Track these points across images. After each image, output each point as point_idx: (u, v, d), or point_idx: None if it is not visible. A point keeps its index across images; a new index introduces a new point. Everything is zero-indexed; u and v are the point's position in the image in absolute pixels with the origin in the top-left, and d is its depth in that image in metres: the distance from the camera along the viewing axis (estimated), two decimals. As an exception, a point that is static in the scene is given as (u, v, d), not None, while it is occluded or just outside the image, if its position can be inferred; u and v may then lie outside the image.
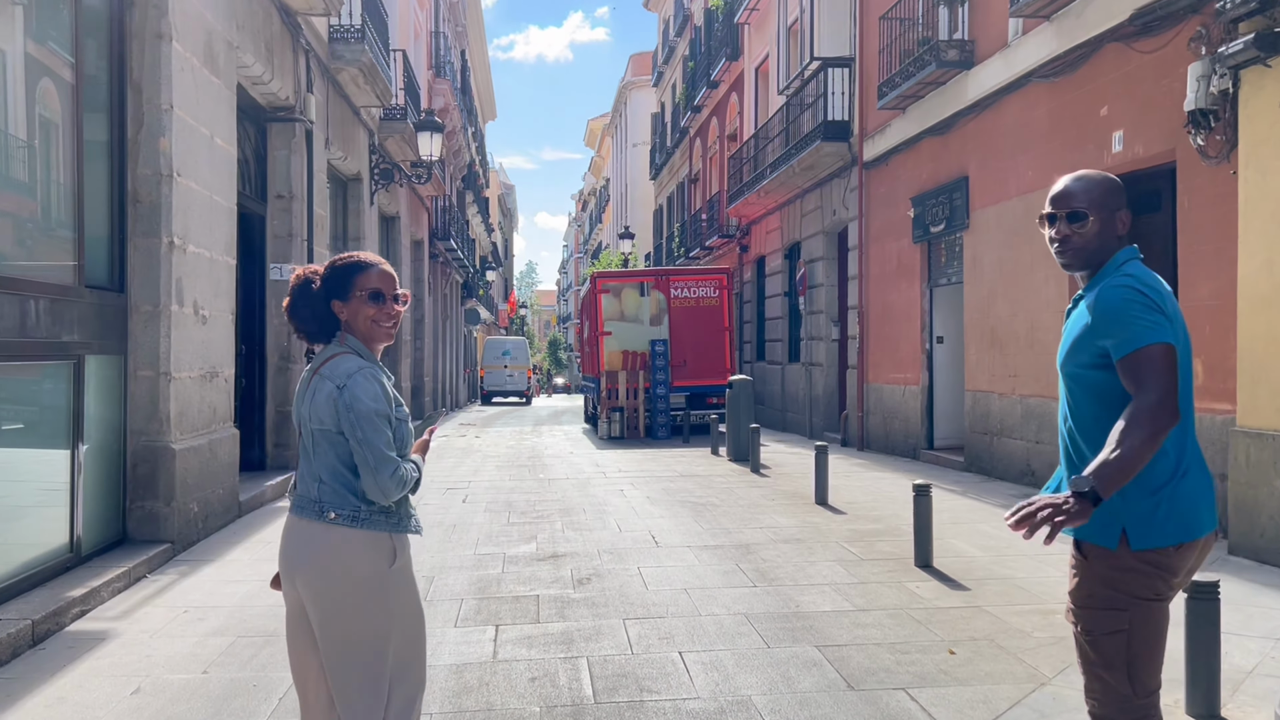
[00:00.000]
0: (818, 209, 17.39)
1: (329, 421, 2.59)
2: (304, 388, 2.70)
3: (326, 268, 2.76)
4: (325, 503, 2.61)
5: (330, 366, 2.65)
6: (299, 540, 2.65)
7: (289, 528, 2.70)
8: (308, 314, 2.73)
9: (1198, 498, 2.40)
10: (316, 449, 2.64)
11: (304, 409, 2.67)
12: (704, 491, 10.18)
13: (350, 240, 15.12)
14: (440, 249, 26.21)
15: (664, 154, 36.23)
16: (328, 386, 2.60)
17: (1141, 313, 2.32)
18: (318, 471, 2.64)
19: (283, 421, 10.82)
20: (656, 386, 18.42)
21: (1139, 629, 2.38)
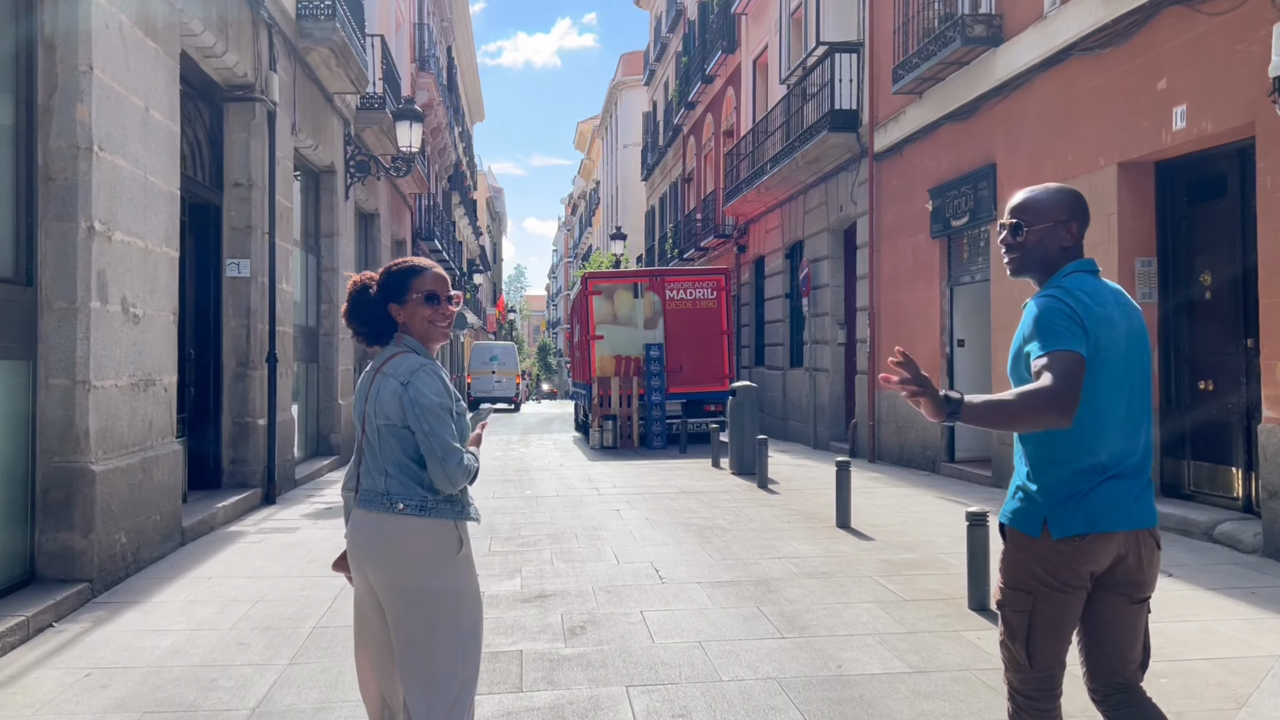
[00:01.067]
0: (822, 205, 16.40)
1: (395, 416, 2.76)
2: (365, 387, 2.88)
3: (383, 273, 2.92)
4: (393, 495, 2.77)
5: (392, 365, 2.83)
6: (369, 532, 2.79)
7: (357, 522, 2.84)
8: (367, 317, 2.90)
9: (1119, 499, 2.56)
10: (382, 444, 2.79)
11: (368, 407, 2.83)
12: (709, 512, 9.15)
13: (323, 237, 14.05)
14: (424, 250, 25.13)
15: (656, 154, 35.25)
16: (392, 384, 2.77)
17: (1060, 322, 2.48)
18: (384, 465, 2.79)
19: (242, 434, 9.75)
20: (651, 393, 17.41)
21: (1041, 612, 2.59)
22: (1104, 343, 2.53)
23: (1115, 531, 2.55)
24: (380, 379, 2.82)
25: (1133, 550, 2.58)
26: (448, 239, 29.53)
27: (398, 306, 2.87)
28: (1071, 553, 2.55)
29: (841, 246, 16.16)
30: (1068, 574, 2.57)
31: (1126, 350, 2.57)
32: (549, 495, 10.51)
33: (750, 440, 12.33)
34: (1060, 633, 2.63)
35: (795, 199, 17.88)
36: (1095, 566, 2.57)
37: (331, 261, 14.06)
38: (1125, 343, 2.57)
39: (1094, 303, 2.54)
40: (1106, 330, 2.53)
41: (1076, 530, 2.53)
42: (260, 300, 9.91)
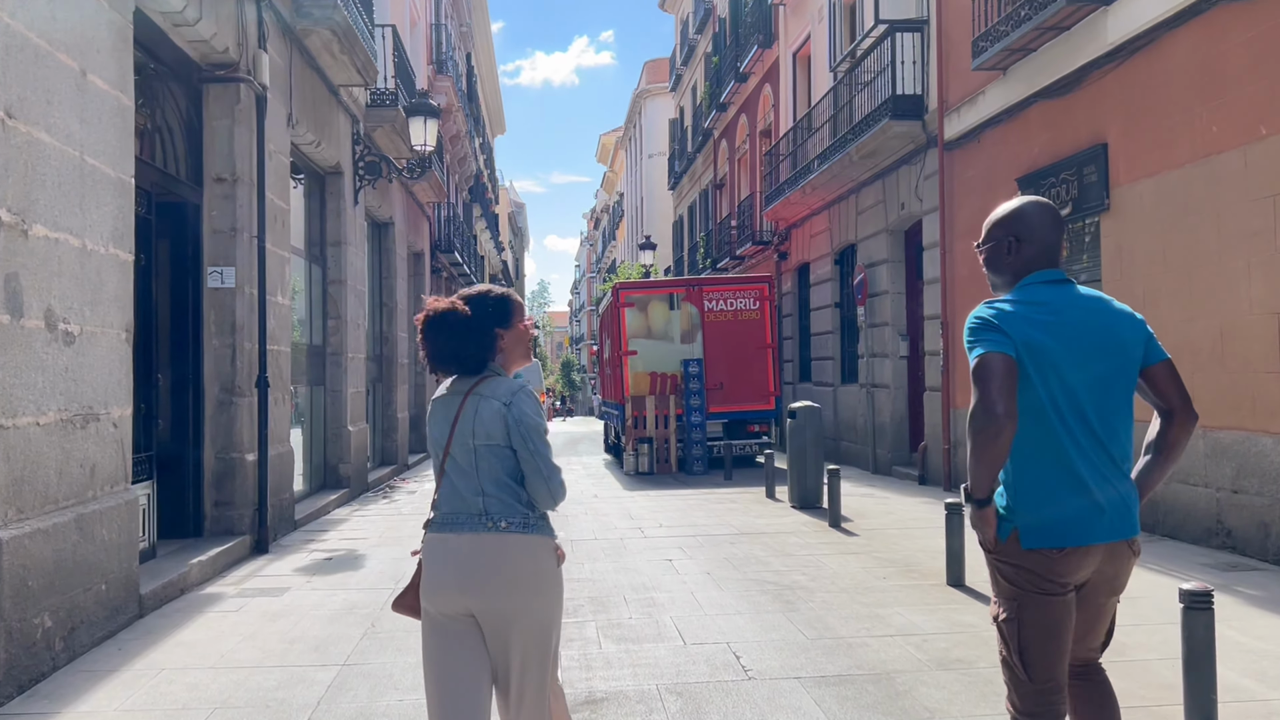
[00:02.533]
0: (879, 204, 14.85)
1: (498, 436, 2.82)
2: (447, 410, 2.89)
3: (481, 298, 2.94)
4: (494, 514, 2.79)
5: (488, 387, 2.88)
6: (471, 553, 2.77)
7: (452, 547, 2.79)
8: (476, 341, 2.90)
9: (1090, 511, 2.57)
10: (480, 464, 2.82)
11: (458, 428, 2.85)
12: (781, 563, 7.59)
13: (329, 245, 12.66)
14: (444, 263, 23.77)
15: (684, 161, 33.80)
16: (494, 404, 2.84)
17: (979, 332, 2.59)
18: (481, 485, 2.81)
19: (227, 472, 8.31)
20: (690, 413, 15.89)
21: (1029, 618, 2.61)
22: (1041, 356, 2.56)
23: (1091, 545, 2.58)
24: (476, 400, 2.87)
25: (1109, 561, 2.62)
26: (469, 252, 28.18)
27: (503, 330, 2.94)
28: (1045, 563, 2.58)
29: (902, 249, 14.60)
30: (1044, 582, 2.59)
31: (1090, 364, 2.59)
32: (585, 538, 8.99)
33: (814, 469, 10.77)
34: (1052, 638, 2.62)
35: (846, 199, 16.34)
36: (1077, 577, 2.62)
37: (339, 273, 12.66)
38: (1091, 357, 2.59)
39: (1030, 312, 2.60)
40: (1046, 338, 2.56)
41: (1045, 544, 2.58)
42: (248, 315, 8.48)
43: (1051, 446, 2.57)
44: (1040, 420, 2.57)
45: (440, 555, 2.81)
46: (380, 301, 16.62)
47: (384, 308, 16.69)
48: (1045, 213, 2.79)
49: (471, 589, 2.77)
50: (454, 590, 2.79)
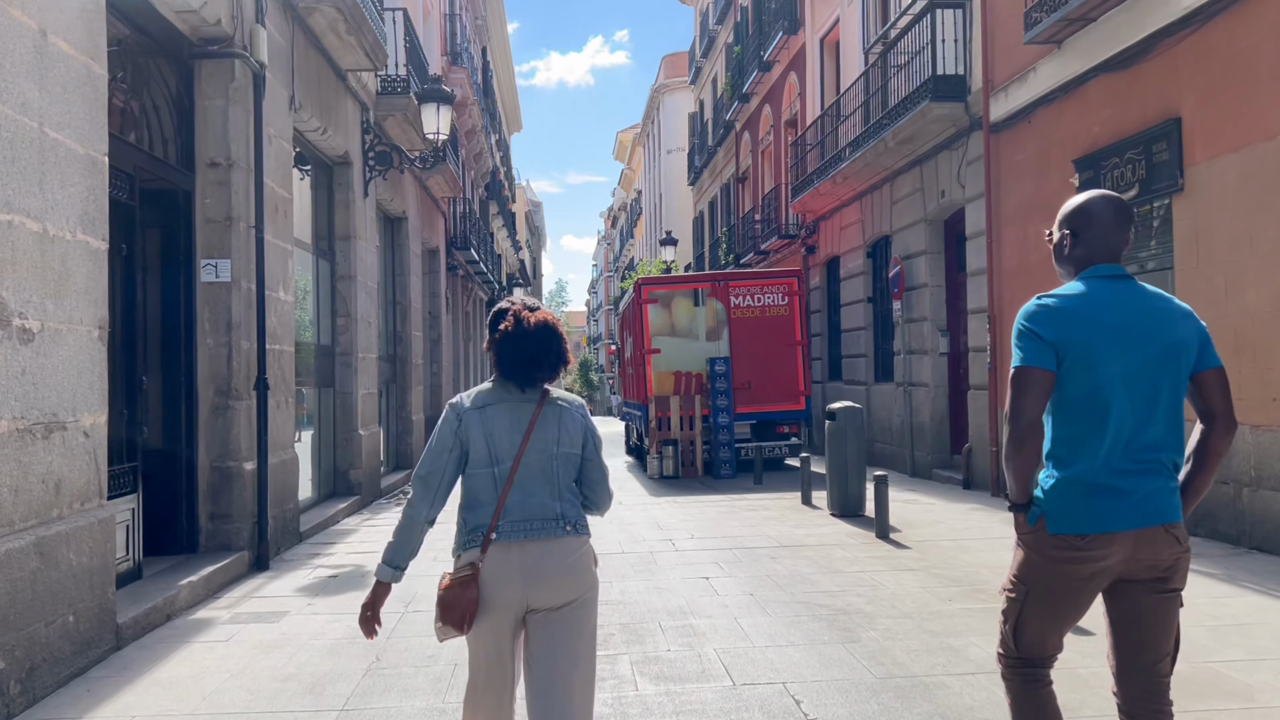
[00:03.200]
0: (916, 192, 14.07)
1: (578, 445, 2.94)
2: (522, 416, 2.89)
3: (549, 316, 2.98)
4: (568, 517, 2.88)
5: (559, 396, 2.98)
6: (549, 555, 2.82)
7: (529, 553, 2.81)
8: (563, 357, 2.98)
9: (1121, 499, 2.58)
10: (560, 471, 2.90)
11: (545, 434, 2.88)
12: (832, 582, 6.86)
13: (338, 239, 12.00)
14: (459, 260, 23.12)
15: (704, 155, 33.07)
16: (575, 415, 2.96)
17: (1023, 338, 2.65)
18: (558, 491, 2.89)
19: (224, 482, 7.65)
20: (717, 414, 15.16)
21: (1033, 600, 2.69)
22: (1087, 350, 2.59)
23: (1116, 532, 2.58)
24: (557, 410, 2.94)
25: (1146, 548, 2.59)
26: (485, 250, 27.53)
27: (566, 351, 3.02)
28: (1071, 551, 2.60)
29: (941, 239, 13.83)
30: (1069, 571, 2.63)
31: (1138, 359, 2.59)
32: (612, 552, 8.28)
33: (856, 474, 10.03)
34: (1049, 628, 2.72)
35: (880, 188, 15.56)
36: (1101, 565, 2.61)
37: (348, 268, 12.01)
38: (1139, 351, 2.59)
39: (1078, 307, 2.64)
40: (1091, 334, 2.59)
41: (1071, 529, 2.60)
42: (245, 311, 7.82)
43: (1086, 437, 2.61)
44: (1078, 411, 2.62)
45: (511, 563, 2.82)
46: (393, 299, 15.98)
47: (397, 305, 16.05)
48: (1108, 207, 2.76)
49: (544, 588, 2.83)
50: (523, 591, 2.82)
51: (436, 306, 20.06)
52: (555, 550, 2.84)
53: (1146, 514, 2.59)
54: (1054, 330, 2.61)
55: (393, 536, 2.94)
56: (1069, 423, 2.64)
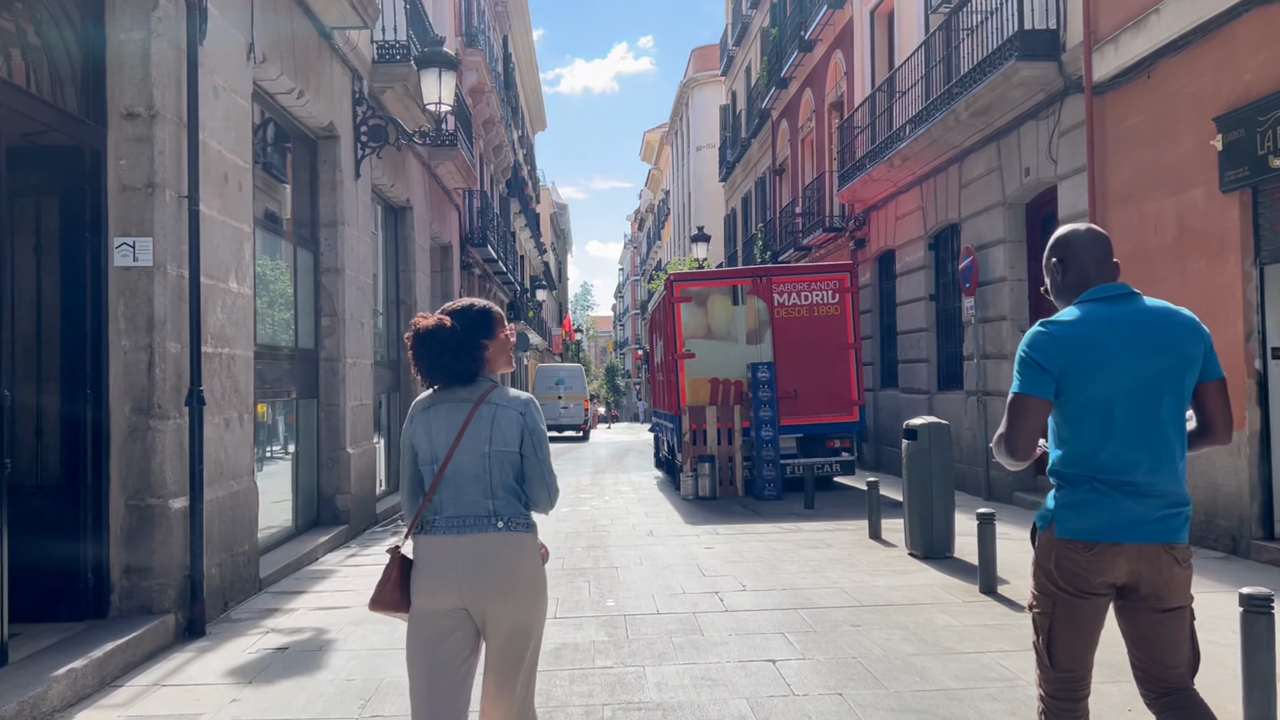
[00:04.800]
0: (992, 172, 12.19)
1: (513, 443, 3.00)
2: (458, 415, 2.99)
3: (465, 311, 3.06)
4: (501, 514, 2.96)
5: (500, 395, 3.05)
6: (481, 552, 2.91)
7: (461, 547, 2.91)
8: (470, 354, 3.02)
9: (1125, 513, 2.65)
10: (493, 469, 2.97)
11: (478, 433, 2.97)
12: (945, 670, 5.02)
13: (323, 226, 10.31)
14: (476, 258, 21.42)
15: (737, 149, 31.25)
16: (511, 413, 3.02)
17: (1023, 367, 2.73)
18: (491, 489, 2.96)
19: (143, 525, 5.93)
20: (760, 427, 13.34)
21: (1060, 617, 2.73)
22: (1090, 372, 2.67)
23: (1122, 543, 2.65)
24: (492, 409, 3.01)
25: (1147, 565, 2.65)
26: (506, 248, 25.84)
27: (488, 341, 3.06)
28: (1080, 558, 2.68)
29: (1023, 225, 11.94)
30: (1080, 580, 2.69)
31: (1141, 375, 2.67)
32: (644, 612, 6.49)
33: (943, 506, 8.17)
34: (1079, 638, 2.73)
35: (945, 171, 13.69)
36: (1108, 577, 2.68)
37: (334, 260, 10.31)
38: (1142, 368, 2.67)
39: (1078, 330, 2.71)
40: (1093, 359, 2.67)
41: (1077, 534, 2.68)
42: (173, 305, 6.10)
43: (1093, 451, 2.68)
44: (1084, 426, 2.68)
45: (443, 556, 2.92)
46: (396, 298, 14.28)
47: (400, 305, 14.35)
48: (1087, 233, 2.88)
49: (478, 586, 2.90)
50: (458, 587, 2.90)
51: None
52: (485, 545, 2.92)
53: (1150, 531, 2.65)
54: (1055, 358, 2.68)
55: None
56: (1076, 439, 2.71)
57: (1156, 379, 2.66)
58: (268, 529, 8.75)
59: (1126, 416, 2.66)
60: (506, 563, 2.92)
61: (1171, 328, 2.70)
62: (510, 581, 2.92)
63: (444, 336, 2.99)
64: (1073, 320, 2.73)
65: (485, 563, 2.90)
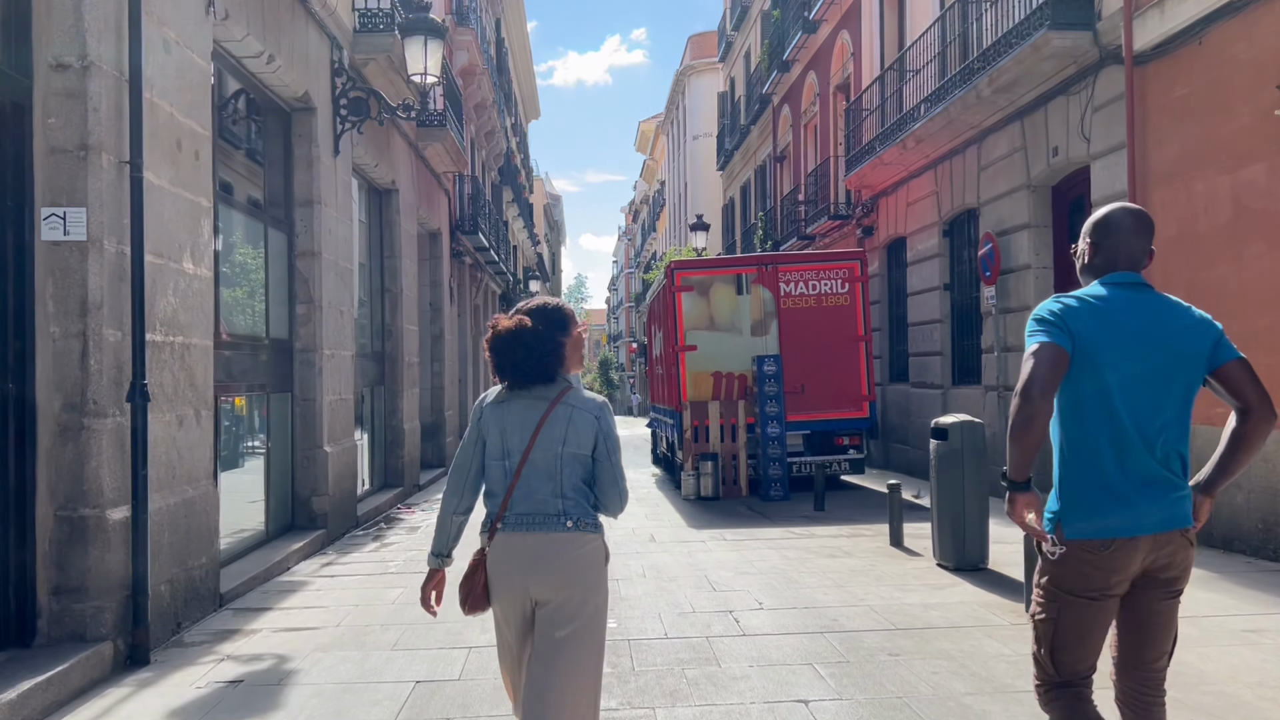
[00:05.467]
0: (1015, 152, 11.44)
1: (586, 446, 3.03)
2: (533, 415, 3.02)
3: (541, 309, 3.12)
4: (571, 514, 2.99)
5: (573, 397, 3.07)
6: (549, 550, 2.95)
7: (530, 544, 2.96)
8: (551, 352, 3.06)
9: (1137, 505, 2.62)
10: (565, 469, 3.00)
11: (553, 433, 2.99)
12: (1006, 712, 4.28)
13: (298, 206, 9.51)
14: (466, 246, 20.61)
15: (736, 136, 30.48)
16: (587, 416, 3.04)
17: (1044, 323, 2.68)
18: (562, 489, 3.00)
19: (75, 539, 5.14)
20: (766, 423, 12.61)
21: (1066, 620, 2.70)
22: (1099, 351, 2.64)
23: (1138, 536, 2.61)
24: (568, 410, 3.03)
25: (1163, 552, 2.65)
26: (498, 237, 25.02)
27: (564, 339, 3.09)
28: (1097, 559, 2.63)
29: (1048, 209, 11.19)
30: (1096, 581, 2.65)
31: (1147, 362, 2.64)
32: (651, 636, 5.73)
33: (976, 512, 7.43)
34: (1086, 642, 2.71)
35: (963, 152, 12.93)
36: (1127, 574, 2.66)
37: (311, 243, 9.52)
38: (1149, 356, 2.64)
39: (1095, 308, 2.69)
40: (1104, 335, 2.64)
41: (1088, 535, 2.63)
42: (112, 286, 5.32)
43: (1097, 442, 2.64)
44: (1088, 416, 2.65)
45: (511, 553, 2.97)
46: (381, 286, 13.49)
47: (386, 293, 13.56)
48: (1128, 217, 2.82)
49: (543, 582, 2.94)
50: (524, 584, 2.96)
51: (438, 297, 17.56)
52: (554, 544, 2.95)
53: (1163, 519, 2.63)
54: (1074, 324, 2.64)
55: (435, 527, 3.16)
56: (1080, 427, 2.66)
57: (1163, 373, 2.65)
58: (235, 536, 7.99)
59: (1133, 404, 2.64)
60: (573, 562, 2.95)
61: (1182, 319, 2.70)
62: (576, 576, 2.95)
63: (527, 337, 3.02)
64: (1089, 297, 2.72)
65: (551, 560, 2.94)
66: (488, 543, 3.02)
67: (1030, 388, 2.59)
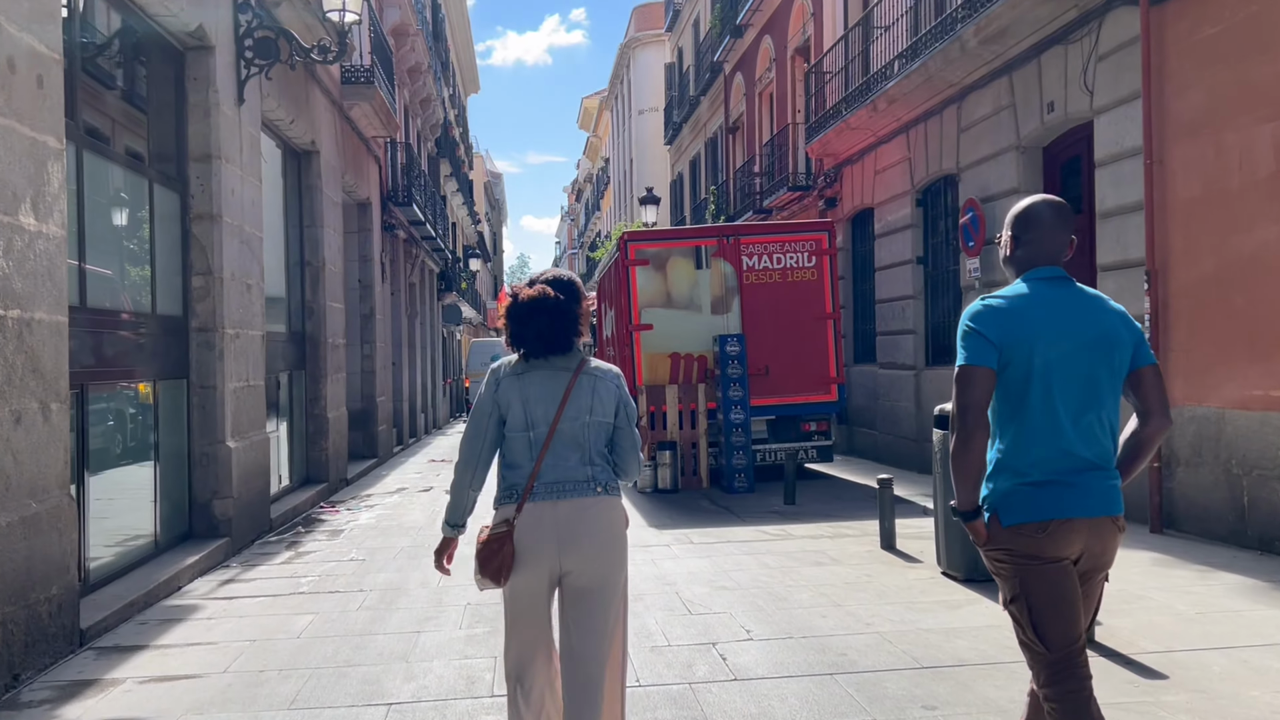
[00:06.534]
0: (1003, 110, 10.44)
1: (609, 414, 3.11)
2: (557, 385, 3.06)
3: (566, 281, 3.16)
4: (599, 480, 3.07)
5: (595, 366, 3.15)
6: (581, 516, 3.02)
7: (560, 513, 3.01)
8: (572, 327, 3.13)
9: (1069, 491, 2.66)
10: (592, 437, 3.08)
11: (580, 403, 3.05)
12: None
13: (193, 160, 8.12)
14: (400, 219, 19.16)
15: (684, 108, 29.29)
16: (609, 384, 3.13)
17: (967, 339, 2.72)
18: (589, 456, 3.07)
19: None
20: (729, 408, 11.53)
21: (1035, 588, 2.67)
22: (1028, 347, 2.68)
23: (1073, 519, 2.65)
24: (591, 380, 3.09)
25: (1096, 537, 2.69)
26: (435, 211, 23.55)
27: (579, 310, 3.13)
28: (1033, 540, 2.65)
29: (1039, 172, 10.21)
30: (1043, 557, 2.66)
31: (1074, 354, 2.68)
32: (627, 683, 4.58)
33: (991, 515, 6.39)
34: (1062, 605, 2.66)
35: (940, 113, 11.92)
36: (1066, 553, 2.68)
37: (209, 204, 8.15)
38: (1076, 347, 2.69)
39: (1018, 306, 2.72)
40: (1030, 334, 2.68)
41: (1023, 519, 2.66)
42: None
43: (1030, 433, 2.69)
44: (1019, 408, 2.70)
45: (540, 521, 2.99)
46: (300, 258, 12.09)
47: (306, 267, 12.16)
48: (1049, 210, 2.83)
49: (578, 547, 3.00)
50: (556, 551, 3.00)
51: (368, 273, 16.16)
52: (586, 509, 3.02)
53: (1097, 505, 2.67)
54: (998, 331, 2.68)
55: (449, 497, 3.18)
56: (1013, 418, 2.71)
57: (1090, 359, 2.70)
58: (115, 550, 6.69)
59: (1064, 395, 2.68)
60: (606, 526, 3.04)
61: (1105, 314, 2.75)
62: (607, 541, 3.04)
63: (551, 306, 3.06)
64: (1014, 296, 2.75)
65: (585, 525, 3.01)
66: (515, 513, 3.01)
67: (965, 418, 2.65)
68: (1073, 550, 2.67)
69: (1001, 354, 2.66)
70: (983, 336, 2.67)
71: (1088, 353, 2.69)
